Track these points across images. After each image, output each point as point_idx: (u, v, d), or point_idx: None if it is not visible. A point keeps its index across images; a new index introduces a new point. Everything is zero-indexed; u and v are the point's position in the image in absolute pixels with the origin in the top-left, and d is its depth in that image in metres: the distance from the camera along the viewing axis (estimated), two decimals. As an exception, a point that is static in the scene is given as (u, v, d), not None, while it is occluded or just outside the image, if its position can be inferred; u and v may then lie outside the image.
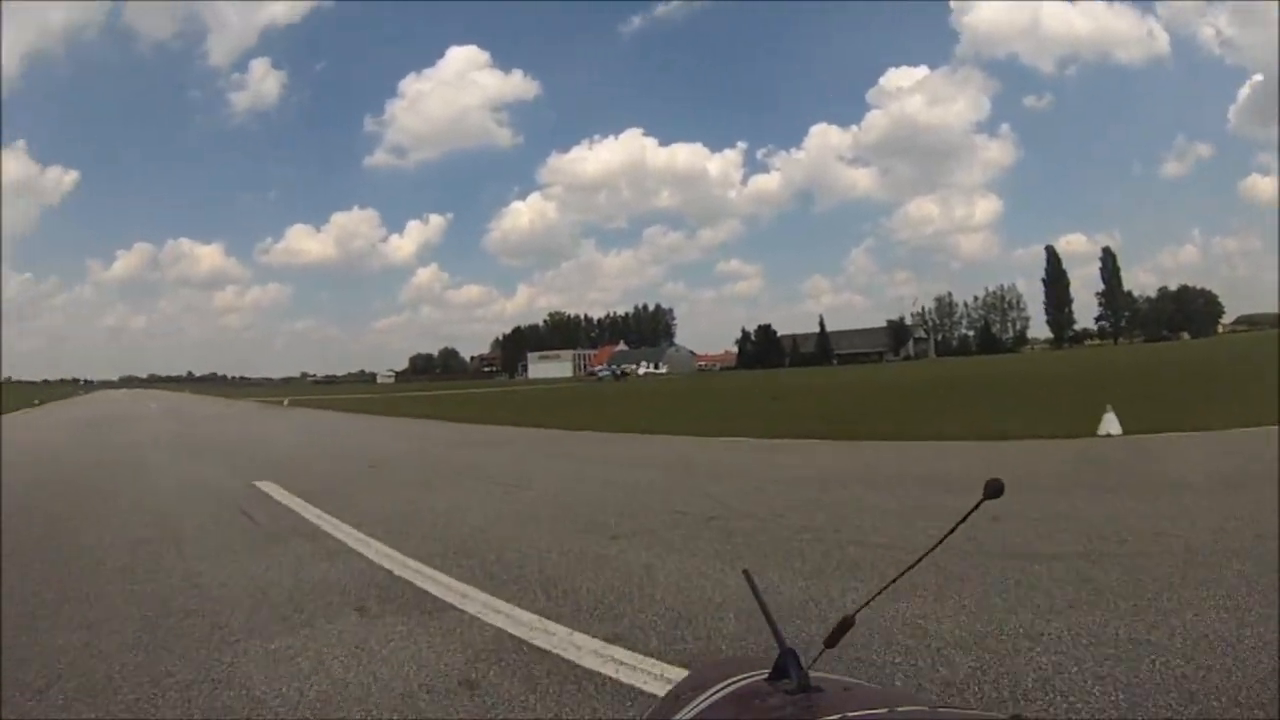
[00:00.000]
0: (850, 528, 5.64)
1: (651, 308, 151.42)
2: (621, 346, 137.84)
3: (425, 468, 10.53)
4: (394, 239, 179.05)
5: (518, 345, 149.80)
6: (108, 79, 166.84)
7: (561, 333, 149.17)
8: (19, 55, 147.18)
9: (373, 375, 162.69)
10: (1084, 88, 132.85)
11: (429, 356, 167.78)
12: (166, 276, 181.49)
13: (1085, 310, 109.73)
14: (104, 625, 3.98)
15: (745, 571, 1.05)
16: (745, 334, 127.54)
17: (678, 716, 0.73)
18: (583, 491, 8.05)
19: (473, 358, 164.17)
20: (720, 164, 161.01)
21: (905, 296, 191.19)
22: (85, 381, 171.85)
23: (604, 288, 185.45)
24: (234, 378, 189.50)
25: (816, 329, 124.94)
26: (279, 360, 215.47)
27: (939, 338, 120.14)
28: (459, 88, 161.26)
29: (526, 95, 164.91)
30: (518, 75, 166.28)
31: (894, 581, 0.76)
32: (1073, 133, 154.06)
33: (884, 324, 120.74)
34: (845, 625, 0.73)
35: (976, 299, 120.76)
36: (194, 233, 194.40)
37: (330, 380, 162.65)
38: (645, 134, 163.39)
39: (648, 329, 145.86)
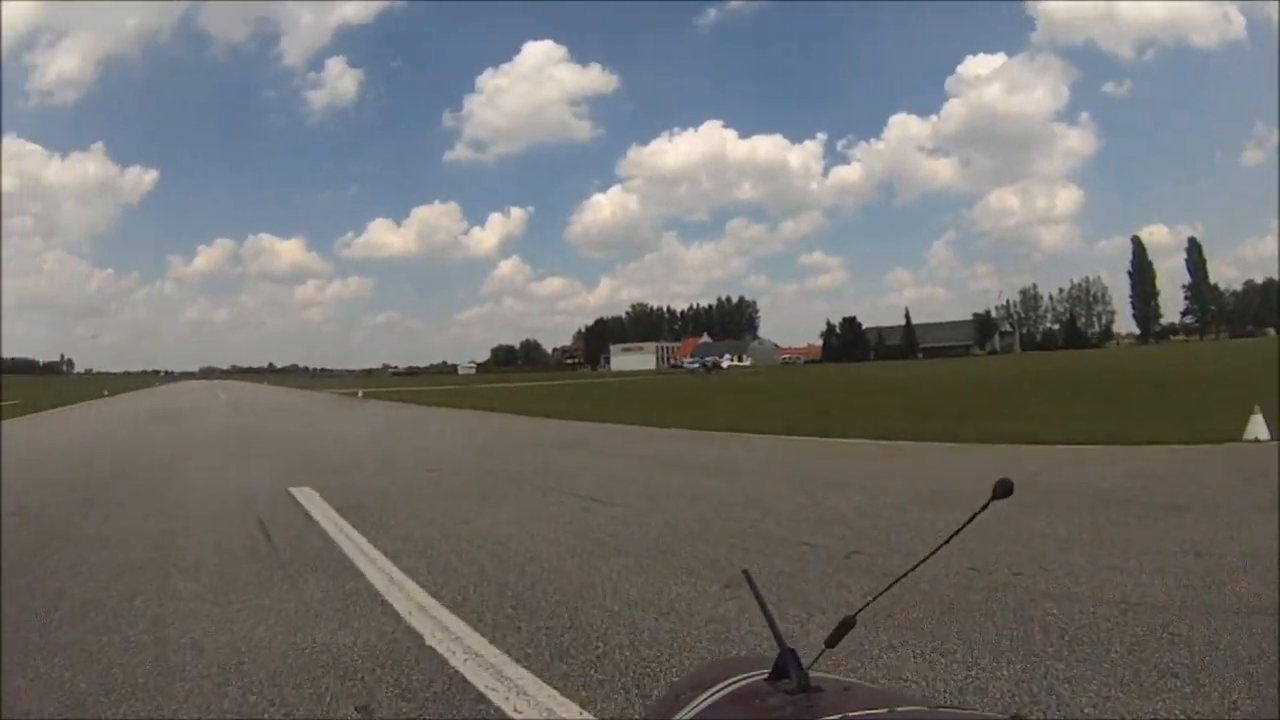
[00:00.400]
0: (1035, 569, 4.34)
1: (735, 300, 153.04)
2: (705, 339, 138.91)
3: (492, 474, 9.33)
4: (475, 232, 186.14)
5: (600, 337, 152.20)
6: (183, 81, 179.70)
7: (644, 325, 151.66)
8: (93, 60, 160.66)
9: (454, 367, 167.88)
10: (1162, 73, 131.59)
11: (510, 348, 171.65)
12: (248, 271, 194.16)
13: (1168, 304, 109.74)
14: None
15: (745, 571, 1.03)
16: (830, 327, 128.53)
17: (678, 716, 0.73)
18: (680, 511, 6.54)
19: (555, 350, 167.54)
20: (800, 155, 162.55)
21: (990, 290, 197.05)
22: (166, 373, 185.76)
23: (686, 280, 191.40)
24: (315, 369, 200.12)
25: (899, 322, 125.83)
26: (361, 352, 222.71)
27: (1023, 331, 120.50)
28: (537, 82, 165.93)
29: (605, 89, 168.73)
30: (596, 69, 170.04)
31: (896, 581, 0.77)
32: (1152, 120, 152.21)
33: (969, 317, 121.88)
34: (846, 625, 0.73)
35: (1061, 291, 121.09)
36: (274, 228, 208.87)
37: (412, 372, 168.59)
38: (725, 126, 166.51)
39: (731, 321, 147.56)
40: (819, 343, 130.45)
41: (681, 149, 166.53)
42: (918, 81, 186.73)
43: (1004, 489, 0.69)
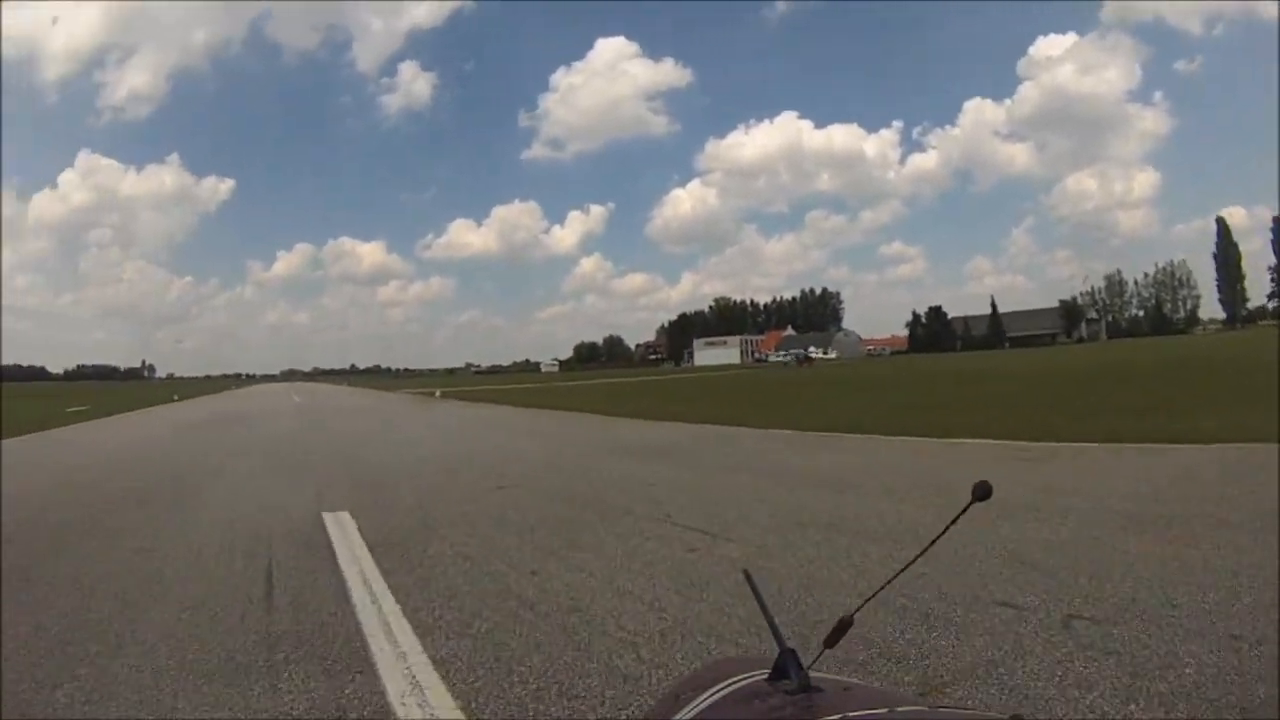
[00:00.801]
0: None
1: (818, 292, 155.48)
2: (789, 332, 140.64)
3: (573, 493, 7.78)
4: (556, 230, 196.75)
5: (684, 332, 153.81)
6: (256, 90, 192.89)
7: (727, 319, 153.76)
8: (164, 75, 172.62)
9: (537, 365, 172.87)
10: (1231, 49, 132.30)
11: (593, 345, 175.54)
12: (329, 274, 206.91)
13: (1252, 288, 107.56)
14: None
15: (745, 571, 1.05)
16: (915, 317, 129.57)
17: (678, 716, 0.74)
18: (814, 549, 4.94)
19: (638, 345, 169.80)
20: (877, 144, 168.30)
21: (1074, 276, 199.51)
22: (248, 376, 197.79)
23: (767, 273, 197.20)
24: (398, 369, 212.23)
25: (980, 311, 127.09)
26: (443, 351, 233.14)
27: (1108, 318, 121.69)
28: (610, 79, 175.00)
29: (679, 83, 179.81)
30: (669, 64, 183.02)
31: (889, 582, 0.80)
32: (1224, 97, 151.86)
33: (1050, 305, 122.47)
34: (845, 625, 0.74)
35: (1146, 276, 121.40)
36: (355, 231, 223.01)
37: (495, 370, 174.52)
38: (800, 117, 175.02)
39: (814, 313, 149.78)
40: (902, 333, 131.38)
41: (758, 141, 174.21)
42: (990, 65, 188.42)
43: (983, 491, 0.70)
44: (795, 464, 9.25)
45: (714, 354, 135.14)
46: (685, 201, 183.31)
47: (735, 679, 0.77)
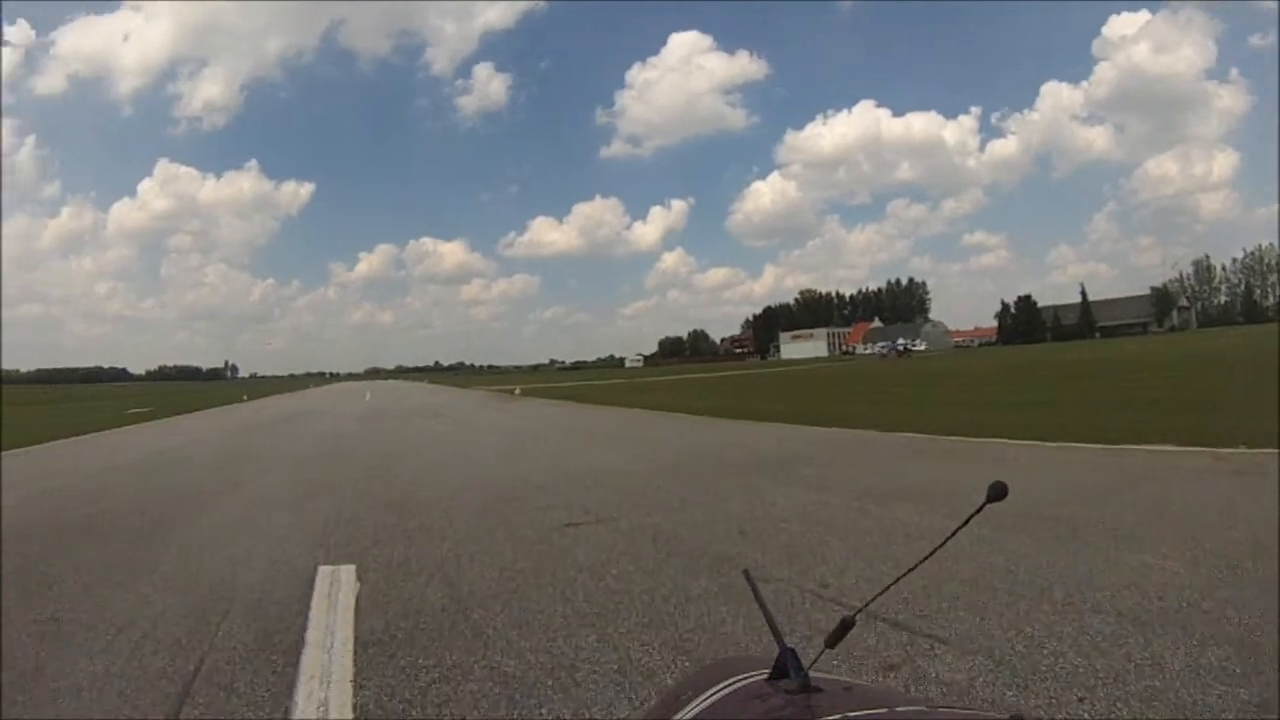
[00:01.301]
0: None
1: (904, 282, 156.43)
2: (875, 323, 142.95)
3: (669, 534, 5.74)
4: (638, 226, 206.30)
5: (769, 325, 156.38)
6: (332, 97, 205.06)
7: (812, 311, 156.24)
8: (237, 85, 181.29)
9: (621, 360, 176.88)
10: None
11: (678, 340, 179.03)
12: (412, 273, 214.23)
13: None
14: None
15: (745, 571, 1.05)
16: (1005, 306, 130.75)
17: (678, 716, 0.75)
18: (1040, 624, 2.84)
19: (723, 339, 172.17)
20: (956, 131, 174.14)
21: (1164, 262, 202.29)
22: (331, 375, 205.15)
23: (850, 264, 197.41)
24: (482, 366, 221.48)
25: (1062, 300, 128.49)
26: (528, 347, 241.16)
27: (1198, 306, 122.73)
28: (686, 73, 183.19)
29: (755, 75, 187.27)
30: (744, 56, 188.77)
31: (894, 584, 0.80)
32: None
33: (1136, 293, 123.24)
34: (845, 626, 0.75)
35: (1235, 261, 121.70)
36: (436, 231, 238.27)
37: (578, 366, 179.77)
38: (878, 105, 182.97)
39: (900, 304, 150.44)
40: (987, 324, 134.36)
41: (837, 131, 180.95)
42: (1065, 45, 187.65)
43: (998, 491, 0.71)
44: (940, 481, 7.37)
45: (800, 347, 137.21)
46: (765, 194, 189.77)
47: (736, 679, 0.79)
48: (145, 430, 22.59)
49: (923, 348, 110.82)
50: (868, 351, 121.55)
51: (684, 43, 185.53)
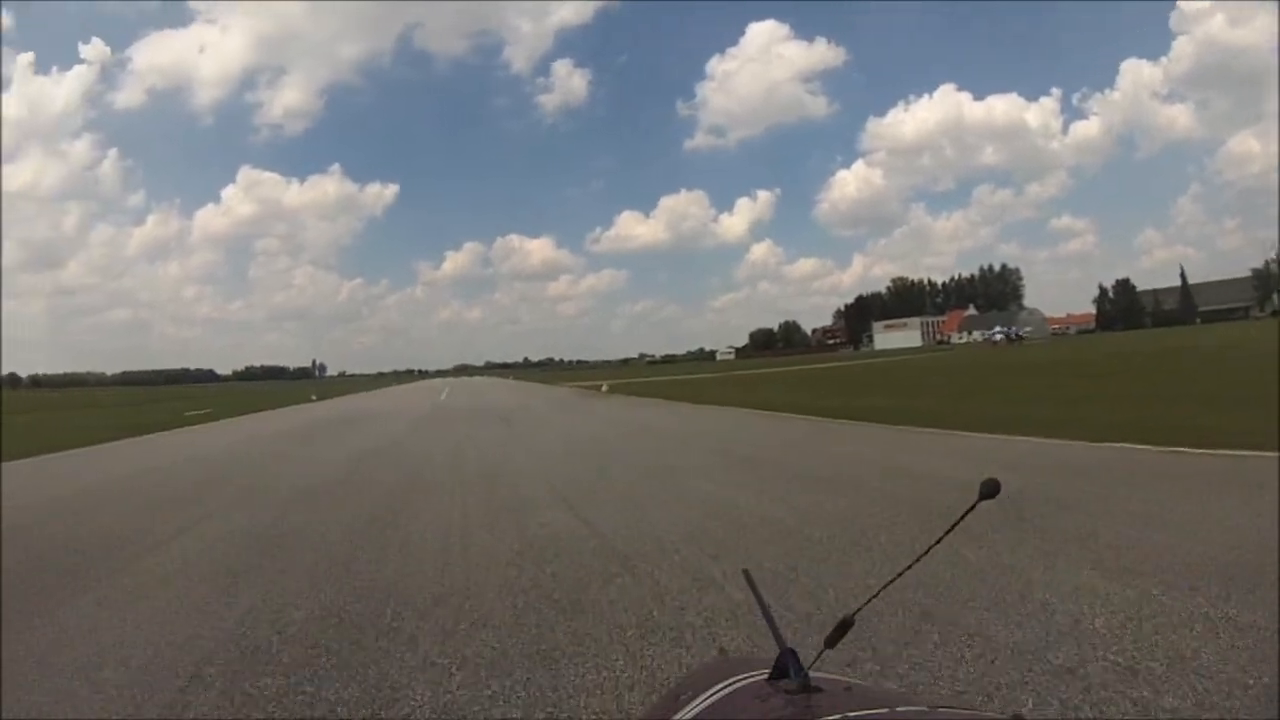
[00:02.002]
0: None
1: (997, 269, 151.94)
2: (970, 311, 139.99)
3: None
4: (724, 218, 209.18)
5: (861, 315, 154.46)
6: (412, 98, 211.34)
7: (904, 300, 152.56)
8: (316, 91, 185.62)
9: (711, 353, 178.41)
10: None
11: (769, 331, 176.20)
12: (499, 270, 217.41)
13: None
14: None
15: (745, 571, 1.10)
16: (1103, 291, 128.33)
17: (678, 716, 0.76)
18: None
19: (814, 330, 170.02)
20: (1038, 113, 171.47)
21: (1238, 247, 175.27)
22: (420, 372, 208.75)
23: (937, 251, 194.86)
24: (571, 361, 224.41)
25: (1151, 285, 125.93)
26: (617, 342, 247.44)
27: None
28: (765, 63, 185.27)
29: (834, 62, 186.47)
30: (821, 43, 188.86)
31: (891, 582, 0.81)
32: None
33: (1247, 274, 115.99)
34: (845, 625, 0.76)
35: None
36: (522, 228, 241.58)
37: (668, 359, 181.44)
38: (958, 89, 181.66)
39: (993, 292, 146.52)
40: (1076, 311, 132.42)
41: (919, 116, 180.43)
42: (1143, 21, 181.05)
43: (990, 489, 0.71)
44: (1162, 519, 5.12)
45: (894, 337, 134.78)
46: (851, 183, 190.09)
47: (735, 679, 0.79)
48: (200, 433, 20.87)
49: (1031, 334, 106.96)
50: (964, 340, 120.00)
51: (761, 32, 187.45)
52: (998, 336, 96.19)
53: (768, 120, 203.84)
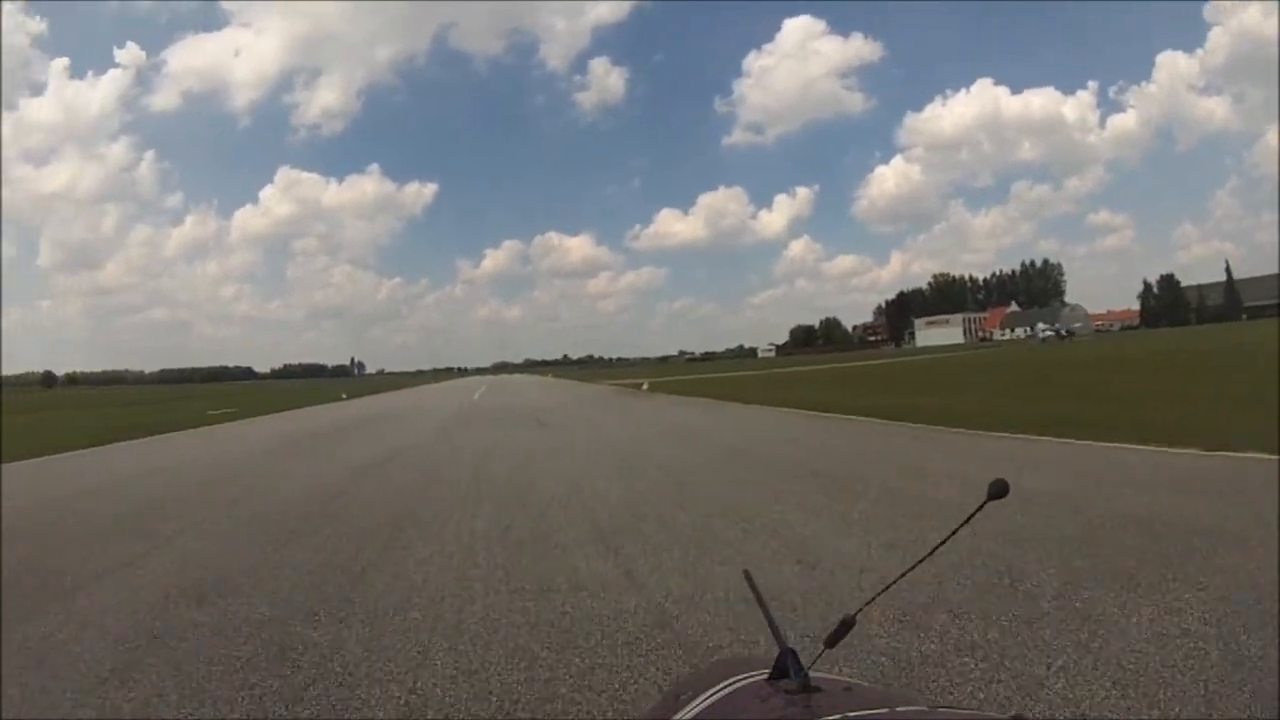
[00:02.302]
0: None
1: (1038, 265, 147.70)
2: (1012, 308, 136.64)
3: None
4: (763, 215, 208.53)
5: (902, 312, 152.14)
6: (449, 98, 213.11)
7: (946, 296, 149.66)
8: (353, 92, 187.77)
9: (751, 350, 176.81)
10: None
11: (809, 328, 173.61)
12: (538, 268, 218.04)
13: None
14: None
15: (745, 571, 1.10)
16: (1147, 286, 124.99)
17: (678, 716, 0.76)
18: None
19: (854, 327, 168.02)
20: (1075, 107, 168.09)
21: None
22: (459, 369, 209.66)
23: (976, 248, 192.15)
24: (610, 359, 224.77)
25: (1192, 281, 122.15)
26: (656, 339, 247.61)
27: None
28: (802, 59, 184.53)
29: (870, 57, 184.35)
30: (858, 38, 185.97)
31: (894, 582, 0.81)
32: None
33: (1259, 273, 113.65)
34: (846, 625, 0.76)
35: None
36: (561, 226, 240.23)
37: (708, 357, 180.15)
38: (995, 83, 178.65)
39: (1035, 288, 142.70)
40: (1117, 307, 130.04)
41: (956, 111, 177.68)
42: (1177, 13, 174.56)
43: (999, 489, 0.71)
44: None
45: (936, 334, 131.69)
46: (889, 179, 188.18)
47: (735, 679, 0.79)
48: (210, 434, 19.73)
49: (1080, 330, 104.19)
50: (1006, 337, 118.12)
51: (797, 28, 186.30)
52: (1048, 333, 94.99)
53: (805, 116, 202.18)
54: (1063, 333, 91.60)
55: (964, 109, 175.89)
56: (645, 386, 35.23)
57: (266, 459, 13.10)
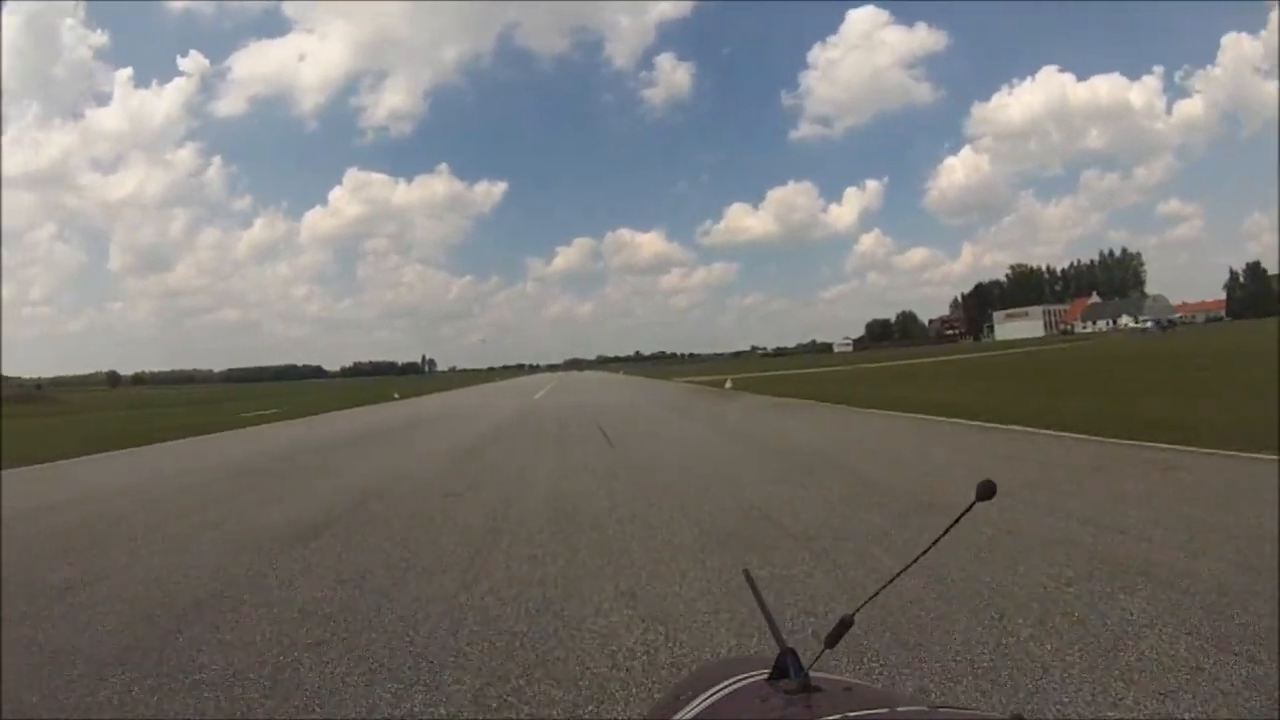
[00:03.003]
0: None
1: (1116, 254, 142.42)
2: (1094, 299, 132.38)
3: None
4: (833, 208, 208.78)
5: (981, 304, 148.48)
6: (516, 97, 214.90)
7: (1023, 287, 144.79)
8: (420, 93, 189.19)
9: (824, 345, 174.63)
10: None
11: (885, 322, 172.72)
12: (609, 265, 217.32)
13: None
14: None
15: (745, 571, 1.09)
16: (1234, 275, 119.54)
17: (678, 716, 0.75)
18: None
19: (930, 320, 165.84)
20: (1141, 92, 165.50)
21: None
22: (530, 366, 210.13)
23: (1047, 240, 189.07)
24: (682, 355, 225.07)
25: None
26: (727, 335, 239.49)
27: None
28: (867, 50, 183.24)
29: (936, 47, 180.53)
30: (922, 28, 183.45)
31: (891, 581, 0.81)
32: None
33: None
34: (845, 625, 0.75)
35: None
36: (632, 222, 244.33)
37: (780, 352, 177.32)
38: (1061, 70, 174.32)
39: (1115, 278, 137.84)
40: (1190, 299, 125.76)
41: (1023, 100, 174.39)
42: None
43: (986, 490, 0.70)
44: None
45: (1016, 327, 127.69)
46: (959, 170, 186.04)
47: (735, 679, 0.78)
48: (226, 440, 18.11)
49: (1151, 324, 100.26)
50: (1087, 329, 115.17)
51: (861, 18, 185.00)
52: (1148, 324, 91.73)
53: (873, 108, 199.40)
54: (1164, 324, 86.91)
55: (1030, 97, 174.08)
56: (728, 385, 31.06)
57: (274, 473, 9.91)
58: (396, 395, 42.57)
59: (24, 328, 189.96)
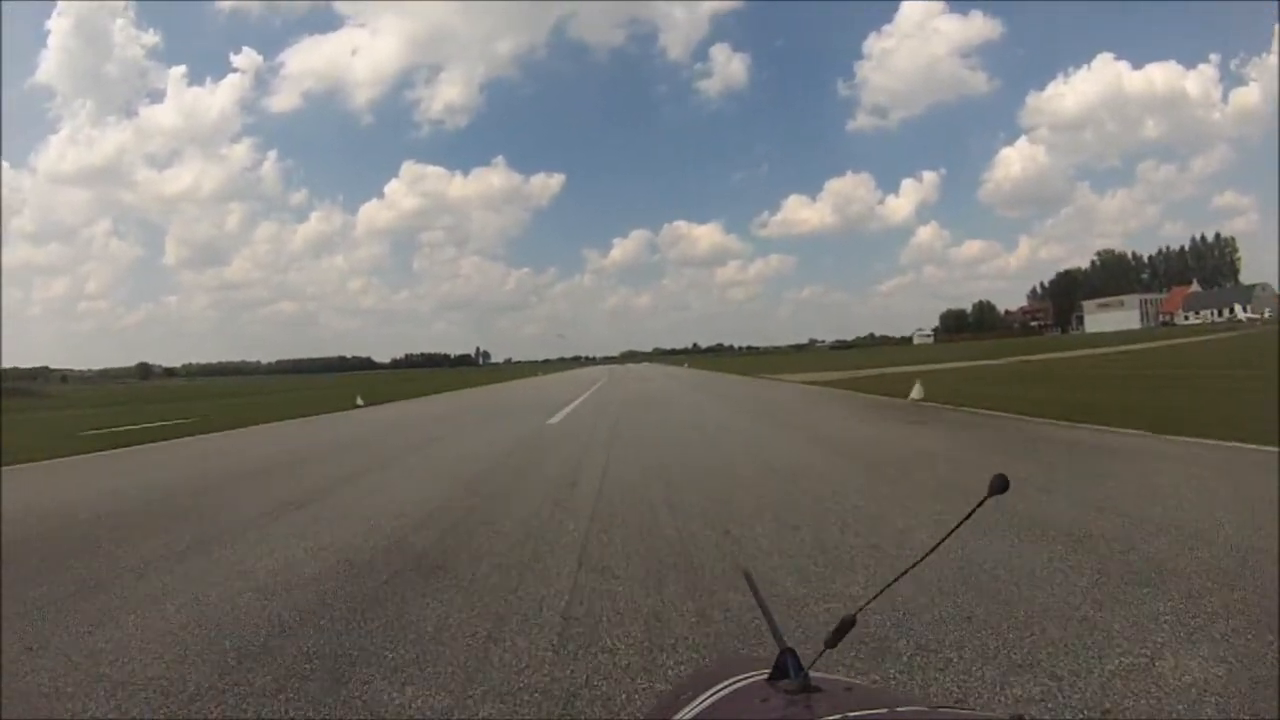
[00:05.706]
0: None
1: (1209, 239, 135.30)
2: (1194, 288, 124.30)
3: None
4: (890, 200, 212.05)
5: (1067, 293, 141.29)
6: (572, 89, 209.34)
7: (1112, 275, 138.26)
8: (476, 86, 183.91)
9: (883, 338, 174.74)
10: None
11: (960, 313, 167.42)
12: (666, 257, 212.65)
13: None
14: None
15: (745, 571, 1.07)
16: None
17: (678, 716, 0.74)
18: None
19: (1007, 311, 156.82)
20: (1197, 81, 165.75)
21: None
22: (587, 358, 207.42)
23: (1104, 233, 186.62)
24: (740, 347, 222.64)
25: None
26: (784, 328, 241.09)
27: None
28: (921, 39, 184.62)
29: (990, 35, 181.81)
30: (977, 16, 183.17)
31: (895, 581, 0.79)
32: None
33: None
34: (846, 625, 0.74)
35: None
36: (689, 214, 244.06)
37: (840, 345, 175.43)
38: (1116, 58, 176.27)
39: (1209, 265, 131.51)
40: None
41: (1079, 89, 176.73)
42: None
43: (1000, 484, 0.68)
44: None
45: (1109, 318, 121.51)
46: (1015, 161, 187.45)
47: (735, 679, 0.78)
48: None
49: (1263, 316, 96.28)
50: (1189, 320, 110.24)
51: (915, 8, 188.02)
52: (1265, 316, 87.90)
53: (928, 98, 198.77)
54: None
55: (1086, 86, 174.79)
56: (916, 392, 16.75)
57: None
58: (360, 401, 29.20)
59: (80, 321, 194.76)
